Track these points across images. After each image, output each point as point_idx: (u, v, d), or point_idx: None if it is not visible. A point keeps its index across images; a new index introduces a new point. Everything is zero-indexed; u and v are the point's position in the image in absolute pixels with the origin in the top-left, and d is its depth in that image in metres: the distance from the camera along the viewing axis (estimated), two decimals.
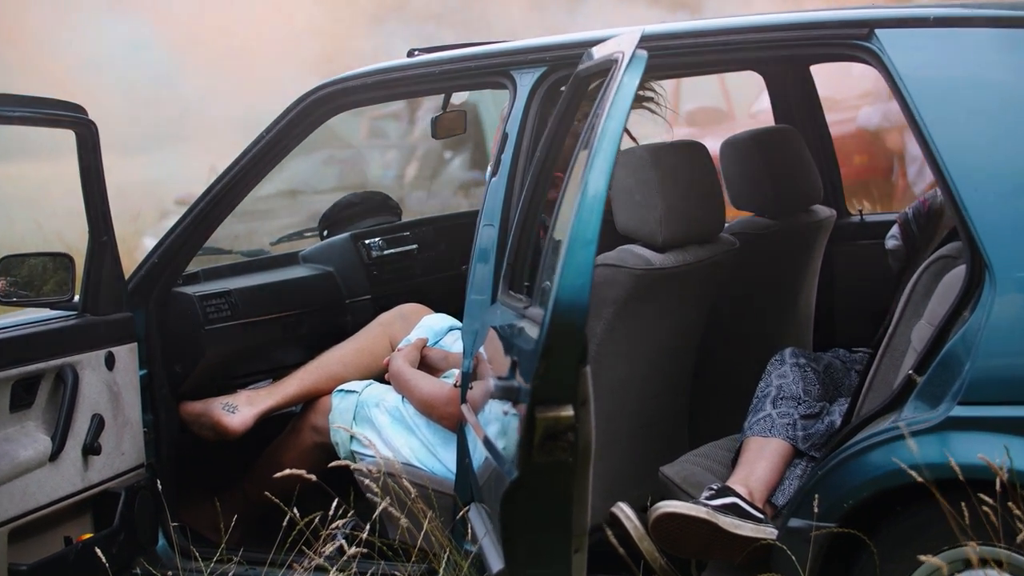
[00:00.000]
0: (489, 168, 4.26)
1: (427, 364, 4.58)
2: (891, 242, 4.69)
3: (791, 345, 4.63)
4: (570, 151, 3.91)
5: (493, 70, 4.15)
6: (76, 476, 4.13)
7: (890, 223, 4.89)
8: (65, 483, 4.10)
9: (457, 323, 4.74)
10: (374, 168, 13.59)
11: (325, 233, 5.32)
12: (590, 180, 2.99)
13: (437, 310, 4.87)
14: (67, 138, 4.14)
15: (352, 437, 4.41)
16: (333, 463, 4.03)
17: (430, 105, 13.11)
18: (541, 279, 3.32)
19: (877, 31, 3.59)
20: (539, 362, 2.92)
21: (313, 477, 3.72)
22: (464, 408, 3.92)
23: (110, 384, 4.26)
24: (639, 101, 4.17)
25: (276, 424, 4.70)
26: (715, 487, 3.74)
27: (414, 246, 5.25)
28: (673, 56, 3.86)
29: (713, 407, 4.52)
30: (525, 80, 4.07)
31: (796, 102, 5.10)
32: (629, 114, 3.09)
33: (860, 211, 5.15)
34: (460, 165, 13.63)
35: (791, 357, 4.07)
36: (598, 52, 3.61)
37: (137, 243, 11.37)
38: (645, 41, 3.19)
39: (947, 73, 3.53)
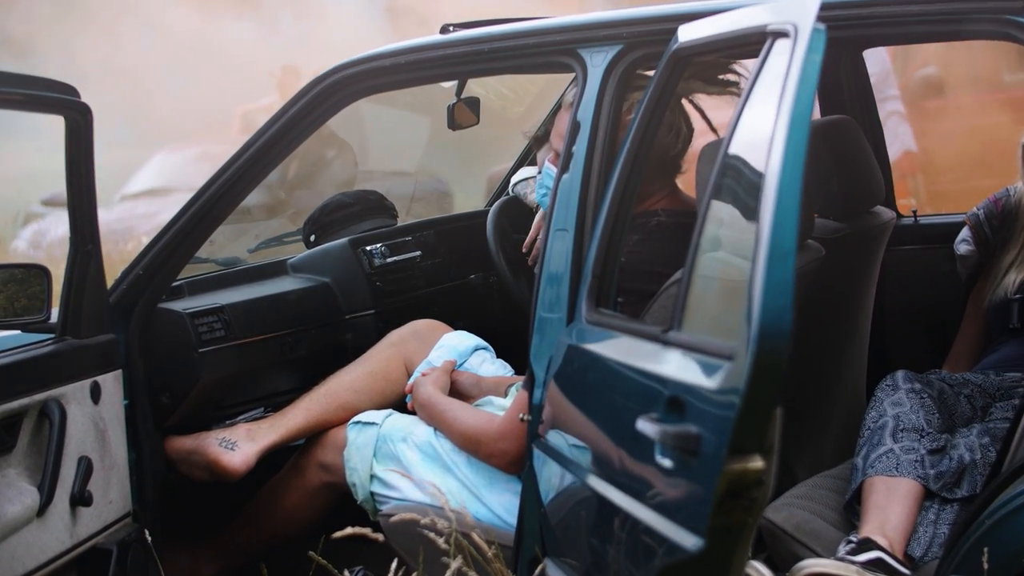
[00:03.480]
0: (546, 162, 3.69)
1: (456, 390, 3.97)
2: (963, 247, 4.23)
3: (851, 364, 4.16)
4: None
5: (557, 48, 3.57)
6: (64, 532, 3.42)
7: (948, 225, 4.45)
8: (54, 541, 3.38)
9: (482, 342, 4.14)
10: None
11: (312, 239, 4.66)
12: (783, 179, 2.44)
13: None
14: None
15: (373, 477, 3.79)
16: (396, 517, 3.37)
17: None
18: (683, 298, 2.73)
19: None
20: (742, 404, 2.35)
21: (380, 537, 3.06)
22: (538, 445, 3.32)
23: (96, 420, 3.56)
24: (723, 86, 3.61)
25: (270, 460, 4.04)
26: (854, 540, 3.20)
27: (417, 253, 4.60)
28: None
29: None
30: (597, 60, 3.49)
31: (848, 90, 4.57)
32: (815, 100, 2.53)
33: (914, 212, 4.65)
34: (342, 162, 13.12)
35: (905, 382, 3.55)
36: (701, 29, 3.06)
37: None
38: None
39: None
